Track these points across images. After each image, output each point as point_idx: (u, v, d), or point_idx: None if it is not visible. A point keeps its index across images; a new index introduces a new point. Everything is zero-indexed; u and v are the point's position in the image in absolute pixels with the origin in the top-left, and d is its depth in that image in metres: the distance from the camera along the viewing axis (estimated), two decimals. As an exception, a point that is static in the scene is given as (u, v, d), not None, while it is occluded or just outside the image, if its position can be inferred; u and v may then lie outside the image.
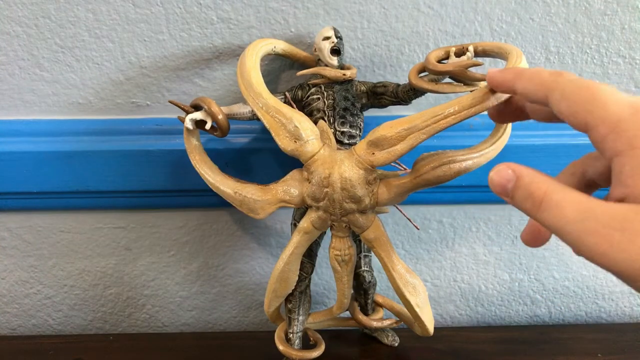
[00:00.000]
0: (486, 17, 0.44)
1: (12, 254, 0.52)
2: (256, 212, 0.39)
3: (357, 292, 0.47)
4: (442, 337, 0.50)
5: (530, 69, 0.27)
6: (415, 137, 0.34)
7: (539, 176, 0.24)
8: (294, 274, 0.41)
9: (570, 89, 0.24)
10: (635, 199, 0.21)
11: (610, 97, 0.23)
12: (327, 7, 0.43)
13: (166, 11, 0.43)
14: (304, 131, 0.36)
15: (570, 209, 0.22)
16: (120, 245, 0.52)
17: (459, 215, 0.52)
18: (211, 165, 0.41)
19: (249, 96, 0.37)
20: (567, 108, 0.24)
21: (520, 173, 0.24)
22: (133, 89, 0.46)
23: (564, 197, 0.23)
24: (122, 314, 0.55)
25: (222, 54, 0.45)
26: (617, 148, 0.22)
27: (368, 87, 0.41)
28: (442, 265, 0.54)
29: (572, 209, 0.22)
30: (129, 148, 0.46)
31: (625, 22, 0.45)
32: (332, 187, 0.36)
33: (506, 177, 0.25)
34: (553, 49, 0.45)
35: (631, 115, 0.22)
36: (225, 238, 0.52)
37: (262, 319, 0.56)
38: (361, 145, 0.36)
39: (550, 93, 0.25)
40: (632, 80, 0.47)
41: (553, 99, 0.25)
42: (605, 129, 0.22)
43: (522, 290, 0.55)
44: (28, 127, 0.46)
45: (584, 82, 0.24)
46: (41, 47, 0.44)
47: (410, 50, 0.45)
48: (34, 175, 0.47)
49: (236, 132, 0.44)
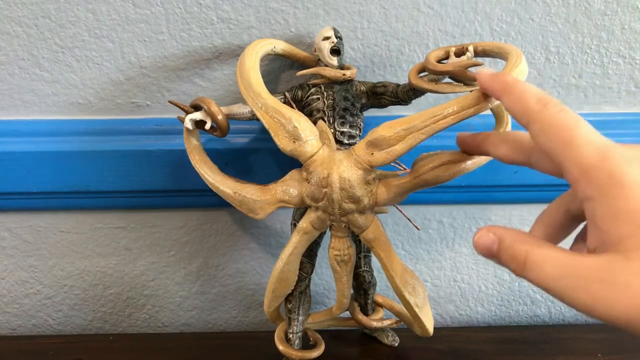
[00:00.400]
0: (486, 17, 0.44)
1: (12, 254, 0.52)
2: (255, 212, 0.39)
3: (357, 292, 0.47)
4: (442, 337, 0.50)
5: (519, 88, 0.27)
6: (414, 137, 0.34)
7: (519, 237, 0.25)
8: (293, 274, 0.41)
9: (550, 125, 0.25)
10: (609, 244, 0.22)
11: (584, 141, 0.23)
12: (327, 7, 0.43)
13: (166, 11, 0.43)
14: (303, 131, 0.36)
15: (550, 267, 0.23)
16: (120, 245, 0.52)
17: (459, 215, 0.52)
18: (211, 165, 0.41)
19: (248, 96, 0.37)
20: (544, 143, 0.25)
21: (501, 236, 0.26)
22: (133, 89, 0.46)
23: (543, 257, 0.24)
24: (122, 314, 0.55)
25: (222, 54, 0.45)
26: (588, 193, 0.23)
27: (368, 87, 0.41)
28: (442, 265, 0.54)
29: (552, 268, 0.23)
30: (129, 148, 0.46)
31: (625, 22, 0.45)
32: (331, 187, 0.36)
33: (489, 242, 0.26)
34: (553, 49, 0.45)
35: (600, 161, 0.22)
36: (225, 238, 0.52)
37: (262, 319, 0.56)
38: (360, 146, 0.36)
39: (532, 124, 0.26)
40: (632, 80, 0.47)
41: (533, 130, 0.26)
42: (577, 173, 0.23)
43: (522, 290, 0.55)
44: (28, 127, 0.46)
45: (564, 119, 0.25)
46: (41, 47, 0.44)
47: (410, 50, 0.45)
48: (34, 175, 0.47)
49: (236, 132, 0.44)
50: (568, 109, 0.25)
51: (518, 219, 0.52)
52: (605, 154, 0.23)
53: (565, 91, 0.47)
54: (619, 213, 0.22)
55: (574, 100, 0.47)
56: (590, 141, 0.23)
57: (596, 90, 0.47)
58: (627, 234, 0.21)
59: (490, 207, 0.52)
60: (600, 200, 0.22)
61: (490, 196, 0.50)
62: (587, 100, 0.47)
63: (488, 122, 0.41)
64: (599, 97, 0.47)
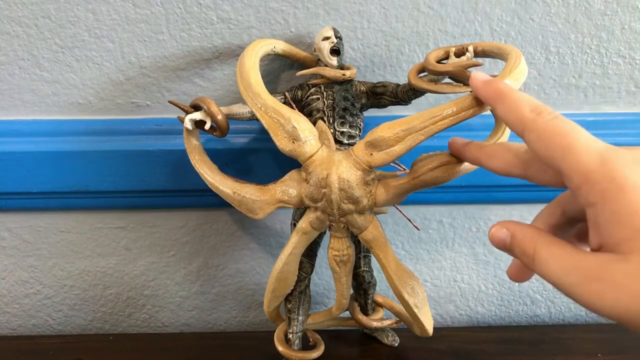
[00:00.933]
0: (486, 17, 0.44)
1: (12, 254, 0.52)
2: (255, 212, 0.39)
3: (357, 292, 0.47)
4: (442, 337, 0.50)
5: (513, 96, 0.28)
6: (413, 138, 0.34)
7: (529, 233, 0.26)
8: (292, 274, 0.41)
9: (546, 133, 0.25)
10: (610, 245, 0.23)
11: (583, 147, 0.24)
12: (327, 7, 0.43)
13: (166, 11, 0.43)
14: (302, 132, 0.36)
15: (556, 264, 0.24)
16: (120, 245, 0.52)
17: (459, 215, 0.52)
18: (211, 165, 0.41)
19: (247, 96, 0.37)
20: (542, 151, 0.25)
21: (513, 231, 0.27)
22: (133, 89, 0.46)
23: (550, 254, 0.25)
24: (122, 314, 0.55)
25: (222, 54, 0.45)
26: (590, 199, 0.23)
27: (368, 87, 0.41)
28: (442, 265, 0.54)
29: (557, 265, 0.24)
30: (129, 148, 0.46)
31: (625, 22, 0.45)
32: (330, 188, 0.36)
33: (503, 236, 0.27)
34: (553, 49, 0.45)
35: (600, 166, 0.23)
36: (225, 238, 0.52)
37: (262, 319, 0.56)
38: (359, 146, 0.36)
39: (528, 133, 0.26)
40: (632, 80, 0.47)
41: (529, 139, 0.26)
42: (578, 179, 0.24)
43: (522, 290, 0.55)
44: (28, 127, 0.46)
45: (560, 126, 0.25)
46: (41, 47, 0.44)
47: (410, 50, 0.45)
48: (34, 175, 0.47)
49: (236, 132, 0.44)
50: (562, 117, 0.25)
51: (518, 219, 0.52)
52: (605, 159, 0.23)
53: (565, 91, 0.47)
54: (619, 216, 0.22)
55: (574, 100, 0.47)
56: (590, 146, 0.24)
57: (596, 90, 0.47)
58: (626, 236, 0.22)
59: (490, 207, 0.52)
60: (602, 206, 0.23)
61: (490, 196, 0.50)
62: (587, 100, 0.47)
63: (488, 122, 0.41)
64: (599, 97, 0.47)
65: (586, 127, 0.25)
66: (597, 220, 0.23)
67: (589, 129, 0.25)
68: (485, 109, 0.32)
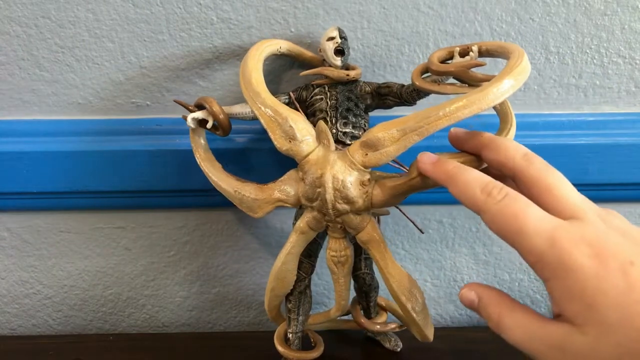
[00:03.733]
0: (486, 17, 0.44)
1: (12, 254, 0.52)
2: (254, 211, 0.39)
3: (359, 295, 0.47)
4: (442, 337, 0.49)
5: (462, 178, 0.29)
6: (408, 138, 0.33)
7: (494, 299, 0.29)
8: (291, 273, 0.41)
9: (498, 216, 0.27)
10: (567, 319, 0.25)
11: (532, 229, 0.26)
12: (327, 7, 0.43)
13: (166, 11, 0.43)
14: (299, 131, 0.36)
15: (519, 332, 0.27)
16: (120, 245, 0.52)
17: (459, 215, 0.52)
18: (214, 163, 0.41)
19: (247, 95, 0.37)
20: (498, 233, 0.27)
21: (479, 295, 0.29)
22: (133, 89, 0.46)
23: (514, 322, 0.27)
24: (122, 314, 0.55)
25: (222, 54, 0.45)
26: (545, 276, 0.26)
27: (373, 88, 0.41)
28: (442, 265, 0.54)
29: (521, 332, 0.27)
30: (129, 148, 0.46)
31: (625, 22, 0.45)
32: (324, 188, 0.36)
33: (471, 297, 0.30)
34: (553, 49, 0.45)
35: (550, 248, 0.25)
36: (225, 238, 0.52)
37: (262, 319, 0.56)
38: (354, 146, 0.35)
39: (482, 214, 0.28)
40: (632, 80, 0.47)
41: (485, 220, 0.28)
42: (532, 259, 0.26)
43: (522, 290, 0.55)
44: (28, 127, 0.46)
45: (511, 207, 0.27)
46: (41, 47, 0.44)
47: (410, 50, 0.45)
48: (34, 175, 0.47)
49: (237, 132, 0.44)
50: (512, 193, 0.27)
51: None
52: (554, 240, 0.25)
53: (565, 91, 0.47)
54: (570, 293, 0.25)
55: (574, 100, 0.47)
56: (539, 228, 0.26)
57: (596, 90, 0.47)
58: (578, 311, 0.24)
59: (490, 207, 0.51)
60: (555, 282, 0.25)
61: (490, 196, 0.50)
62: (587, 100, 0.47)
63: (488, 122, 0.41)
64: (599, 97, 0.47)
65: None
66: (553, 294, 0.26)
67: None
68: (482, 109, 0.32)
